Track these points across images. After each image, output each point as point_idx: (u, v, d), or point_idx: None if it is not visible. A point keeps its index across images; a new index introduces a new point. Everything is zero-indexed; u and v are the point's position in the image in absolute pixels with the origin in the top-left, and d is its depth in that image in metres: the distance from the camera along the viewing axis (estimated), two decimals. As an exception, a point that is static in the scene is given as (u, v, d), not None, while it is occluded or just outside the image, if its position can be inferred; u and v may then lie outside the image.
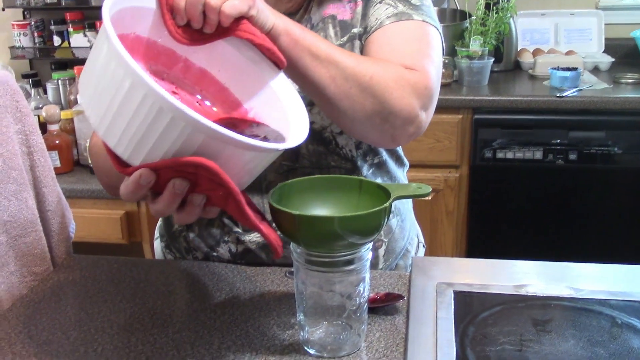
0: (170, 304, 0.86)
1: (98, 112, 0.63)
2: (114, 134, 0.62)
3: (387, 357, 0.73)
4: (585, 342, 0.75)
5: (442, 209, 2.27)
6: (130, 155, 0.62)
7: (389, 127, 0.80)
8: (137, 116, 0.60)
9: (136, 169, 0.62)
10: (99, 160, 0.90)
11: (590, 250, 2.17)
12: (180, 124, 0.59)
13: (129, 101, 0.60)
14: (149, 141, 0.61)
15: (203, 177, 0.62)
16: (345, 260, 0.70)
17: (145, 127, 0.60)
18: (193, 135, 0.60)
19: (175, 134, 0.60)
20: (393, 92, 0.78)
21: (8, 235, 0.93)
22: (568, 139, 2.10)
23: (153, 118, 0.59)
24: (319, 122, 0.92)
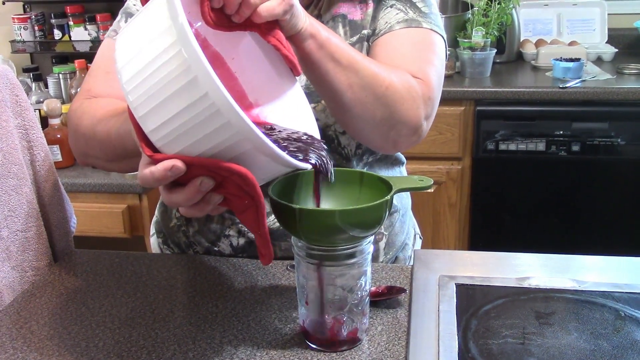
0: (171, 298, 0.86)
1: (141, 92, 0.59)
2: (154, 121, 0.59)
3: (389, 351, 0.73)
4: (588, 335, 0.74)
5: (444, 202, 2.26)
6: (166, 145, 0.60)
7: (394, 135, 0.83)
8: (189, 111, 0.57)
9: (167, 157, 0.59)
10: (81, 126, 0.85)
11: (593, 242, 2.16)
12: (233, 130, 0.57)
13: (185, 94, 0.57)
14: (191, 137, 0.59)
15: (232, 183, 0.61)
16: (346, 254, 0.69)
17: (194, 124, 0.58)
18: (241, 143, 0.58)
19: (223, 137, 0.58)
20: (404, 102, 0.80)
21: (9, 230, 0.92)
22: (571, 131, 2.09)
23: (206, 117, 0.57)
24: (323, 119, 0.91)
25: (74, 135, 0.88)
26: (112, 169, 0.88)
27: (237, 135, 0.58)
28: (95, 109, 0.84)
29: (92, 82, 0.92)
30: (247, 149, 0.59)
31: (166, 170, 0.58)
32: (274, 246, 0.95)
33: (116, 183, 1.91)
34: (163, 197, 0.62)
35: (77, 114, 0.87)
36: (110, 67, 0.91)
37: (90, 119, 0.82)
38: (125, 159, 0.79)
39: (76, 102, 0.90)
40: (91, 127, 0.81)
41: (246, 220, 0.64)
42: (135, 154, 0.74)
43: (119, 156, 0.79)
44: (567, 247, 2.14)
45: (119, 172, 0.90)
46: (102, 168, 0.89)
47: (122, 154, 0.77)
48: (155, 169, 0.59)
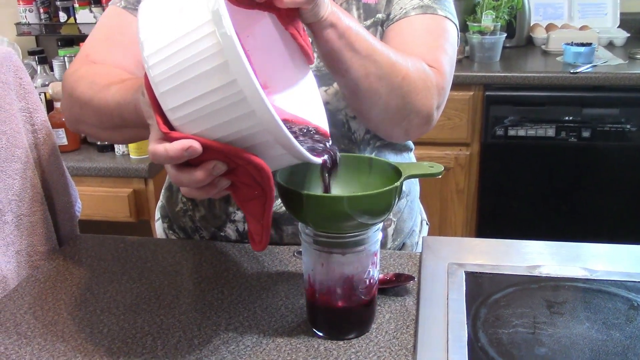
0: (176, 284, 0.85)
1: (165, 68, 0.57)
2: (175, 99, 0.57)
3: (397, 339, 0.72)
4: (600, 324, 0.73)
5: (452, 188, 2.24)
6: (185, 125, 0.58)
7: (406, 124, 0.82)
8: (214, 95, 0.55)
9: (183, 136, 0.58)
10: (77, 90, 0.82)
11: (603, 230, 2.15)
12: (256, 120, 0.56)
13: (213, 77, 0.55)
14: (212, 121, 0.57)
15: (245, 172, 0.60)
16: (354, 241, 0.68)
17: (217, 108, 0.56)
18: (261, 133, 0.57)
19: (245, 126, 0.57)
20: (419, 92, 0.79)
21: (13, 214, 0.92)
22: (581, 116, 2.06)
23: (231, 104, 0.55)
24: (334, 103, 0.90)
25: (69, 100, 0.85)
26: (104, 138, 0.86)
27: (260, 126, 0.56)
28: (93, 75, 0.81)
29: (91, 48, 0.89)
30: (266, 140, 0.58)
31: (183, 150, 0.57)
32: (281, 231, 0.94)
33: (122, 167, 1.90)
34: (170, 175, 0.61)
35: (73, 77, 0.84)
36: (112, 34, 0.89)
37: (87, 84, 0.80)
38: (121, 128, 0.77)
39: (73, 67, 0.87)
40: (88, 92, 0.79)
41: (250, 208, 0.63)
42: (132, 124, 0.73)
43: (115, 125, 0.77)
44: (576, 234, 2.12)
45: (110, 142, 0.89)
46: (94, 136, 0.87)
47: (118, 123, 0.75)
48: (171, 147, 0.57)
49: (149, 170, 1.90)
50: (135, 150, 1.93)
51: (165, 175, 1.08)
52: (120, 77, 0.77)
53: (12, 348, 0.72)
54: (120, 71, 0.81)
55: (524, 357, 0.68)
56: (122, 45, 0.87)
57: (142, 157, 1.94)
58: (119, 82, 0.75)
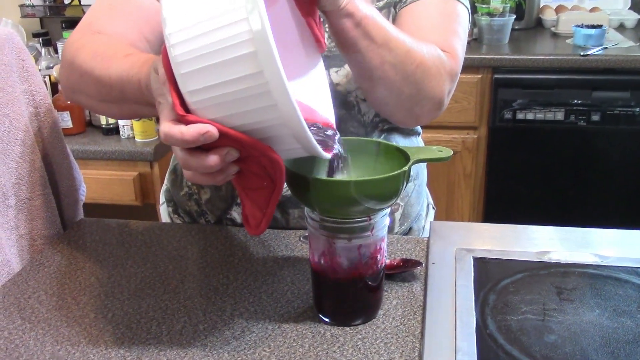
0: (181, 269, 0.84)
1: (189, 49, 0.55)
2: (197, 82, 0.55)
3: (404, 326, 0.71)
4: (611, 312, 0.72)
5: (459, 172, 2.23)
6: (203, 109, 0.56)
7: (417, 110, 0.81)
8: (238, 83, 0.54)
9: (200, 120, 0.56)
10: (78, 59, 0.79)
11: (612, 215, 2.13)
12: (277, 114, 0.54)
13: (239, 65, 0.53)
14: (232, 109, 0.56)
15: (257, 162, 0.59)
16: (362, 226, 0.67)
17: (239, 97, 0.54)
18: (280, 127, 0.56)
19: (265, 117, 0.55)
20: (432, 79, 0.78)
21: (17, 198, 0.91)
22: (591, 100, 2.04)
23: (254, 94, 0.54)
24: (344, 85, 0.88)
25: (68, 69, 0.82)
26: (99, 110, 0.84)
27: (279, 120, 0.55)
28: (97, 45, 0.79)
29: (94, 17, 0.87)
30: (283, 134, 0.57)
31: (199, 135, 0.55)
32: (287, 215, 0.93)
33: (127, 150, 1.89)
34: (179, 158, 0.59)
35: (75, 46, 0.82)
36: (116, 3, 0.87)
37: (89, 54, 0.78)
38: (119, 102, 0.75)
39: (75, 35, 0.85)
40: (90, 63, 0.77)
41: (254, 196, 0.62)
42: (132, 100, 0.71)
43: (113, 99, 0.75)
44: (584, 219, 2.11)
45: (105, 115, 0.86)
46: (89, 107, 0.85)
47: (117, 97, 0.74)
48: (187, 131, 0.55)
49: (154, 153, 1.89)
50: (140, 133, 1.92)
51: (170, 159, 1.07)
52: (124, 50, 0.75)
53: (15, 333, 0.72)
54: (125, 44, 0.79)
55: (533, 344, 0.67)
56: (126, 15, 0.85)
57: (148, 140, 1.93)
58: (123, 56, 0.73)
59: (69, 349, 0.69)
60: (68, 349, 0.69)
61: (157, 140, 1.94)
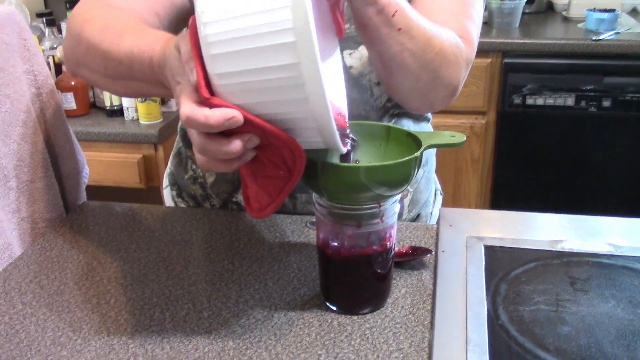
0: (186, 254, 0.83)
1: (223, 30, 0.52)
2: (227, 65, 0.53)
3: (413, 315, 0.69)
4: (626, 303, 0.70)
5: (467, 157, 2.20)
6: (229, 93, 0.54)
7: (432, 97, 0.79)
8: (272, 72, 0.51)
9: (225, 104, 0.54)
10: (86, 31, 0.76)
11: (623, 203, 2.10)
12: (307, 107, 0.53)
13: (275, 54, 0.51)
14: (260, 97, 0.53)
15: (278, 152, 0.57)
16: (371, 213, 0.65)
17: (270, 86, 0.52)
18: (306, 120, 0.54)
19: (293, 109, 0.53)
20: (449, 67, 0.76)
21: (18, 180, 0.89)
22: (602, 85, 2.01)
23: (287, 86, 0.52)
24: (358, 68, 0.86)
25: (74, 40, 0.79)
26: (102, 86, 0.80)
27: (309, 114, 0.53)
28: (107, 18, 0.76)
29: None
30: (308, 127, 0.55)
31: (225, 120, 0.53)
32: (295, 199, 0.91)
33: (131, 132, 1.88)
34: (197, 143, 0.56)
35: (83, 17, 0.78)
36: None
37: (99, 26, 0.75)
38: (125, 79, 0.72)
39: (83, 6, 0.81)
40: (98, 36, 0.74)
41: (266, 184, 0.60)
42: (139, 78, 0.68)
43: (120, 75, 0.72)
44: (594, 207, 2.09)
45: (108, 91, 0.82)
46: (92, 82, 0.82)
47: (124, 73, 0.71)
48: (212, 115, 0.53)
49: (158, 135, 1.87)
50: (145, 115, 1.90)
51: (174, 141, 1.05)
52: (136, 26, 0.72)
53: (16, 318, 0.70)
54: (136, 19, 0.75)
55: (546, 335, 0.65)
56: None
57: (152, 122, 1.91)
58: (135, 31, 0.70)
59: (71, 335, 0.67)
60: (69, 335, 0.67)
61: (162, 122, 1.92)
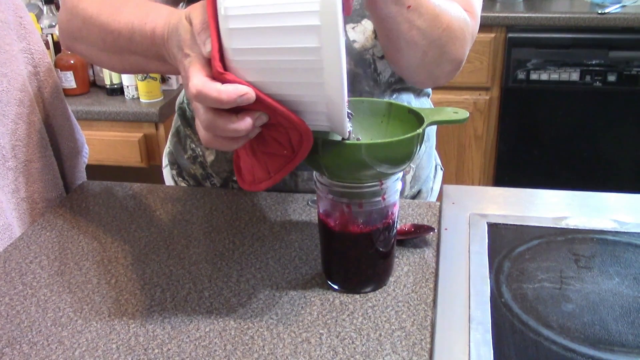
0: (186, 234, 0.82)
1: (244, 4, 0.50)
2: (245, 41, 0.51)
3: (415, 293, 0.69)
4: (631, 280, 0.69)
5: (470, 133, 2.19)
6: (243, 70, 0.52)
7: (438, 72, 0.79)
8: (291, 53, 0.50)
9: (238, 80, 0.52)
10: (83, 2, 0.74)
11: (628, 179, 2.09)
12: (322, 93, 0.51)
13: (298, 35, 0.49)
14: (275, 76, 0.52)
15: (284, 132, 0.56)
16: (373, 192, 0.64)
17: (288, 67, 0.51)
18: (318, 104, 0.53)
19: (307, 93, 0.52)
20: (456, 42, 0.75)
21: (16, 160, 0.88)
22: (607, 60, 1.98)
23: (305, 69, 0.50)
24: (361, 42, 0.84)
25: (70, 12, 0.77)
26: (99, 61, 0.78)
27: (322, 98, 0.52)
28: None
29: None
30: (318, 110, 0.54)
31: (237, 96, 0.51)
32: (296, 176, 0.90)
33: (132, 111, 1.86)
34: (204, 119, 0.54)
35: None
36: None
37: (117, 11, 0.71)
38: (124, 53, 0.70)
39: None
40: (96, 7, 0.72)
41: (266, 160, 0.59)
42: (139, 51, 0.67)
43: (118, 49, 0.70)
44: (598, 184, 2.08)
45: (104, 67, 0.79)
46: (89, 57, 0.79)
47: (124, 47, 0.69)
48: (225, 90, 0.51)
49: (159, 114, 1.86)
50: (145, 94, 1.89)
51: (172, 120, 1.04)
52: None
53: (17, 299, 0.70)
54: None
55: (550, 313, 0.64)
56: None
57: (153, 100, 1.90)
58: (135, 4, 0.68)
59: (71, 315, 0.67)
60: (70, 316, 0.67)
61: (162, 100, 1.91)
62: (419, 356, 0.60)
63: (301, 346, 0.62)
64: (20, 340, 0.64)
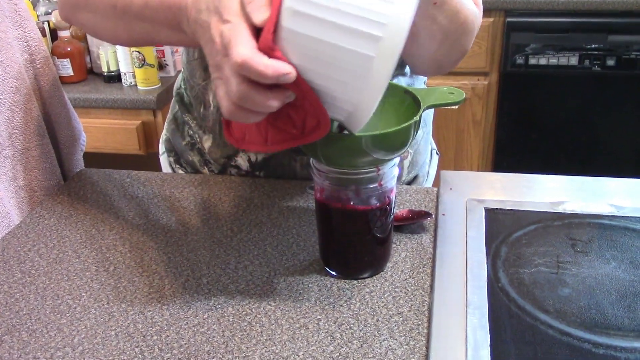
0: (184, 221, 0.82)
1: None
2: (304, 26, 0.50)
3: (413, 279, 0.69)
4: (627, 264, 0.69)
5: (468, 119, 2.18)
6: (291, 51, 0.51)
7: (446, 62, 0.80)
8: (345, 53, 0.50)
9: (284, 59, 0.51)
10: None
11: (627, 164, 2.09)
12: (356, 95, 0.52)
13: (358, 39, 0.49)
14: (319, 67, 0.51)
15: (302, 114, 0.56)
16: (369, 177, 0.64)
17: (335, 63, 0.50)
18: (346, 103, 0.53)
19: (342, 90, 0.52)
20: (468, 35, 0.76)
21: (14, 149, 0.88)
22: (607, 44, 1.97)
23: (351, 70, 0.50)
24: None
25: None
26: (103, 30, 0.75)
27: (355, 101, 0.52)
28: None
29: None
30: (342, 108, 0.54)
31: (281, 74, 0.50)
32: (294, 161, 0.90)
33: (129, 98, 1.86)
34: (237, 89, 0.52)
35: None
36: None
37: None
38: (132, 21, 0.68)
39: None
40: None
41: (267, 128, 0.58)
42: (150, 19, 0.65)
43: (129, 15, 0.67)
44: (597, 169, 2.08)
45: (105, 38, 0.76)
46: (90, 27, 0.76)
47: (136, 13, 0.66)
48: (272, 65, 0.50)
49: (157, 101, 1.85)
50: (142, 81, 1.88)
51: (169, 107, 1.03)
52: None
53: (15, 287, 0.70)
54: None
55: (546, 298, 0.65)
56: None
57: (150, 87, 1.89)
58: None
59: (70, 302, 0.67)
60: (69, 303, 0.67)
61: (160, 88, 1.90)
62: (416, 341, 0.60)
63: (299, 332, 0.62)
64: (20, 328, 0.64)
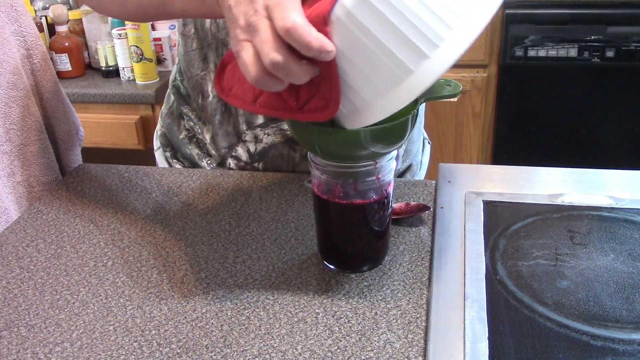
0: (183, 216, 0.82)
1: None
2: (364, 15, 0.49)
3: (411, 272, 0.69)
4: (626, 256, 0.69)
5: (467, 111, 2.18)
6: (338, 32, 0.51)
7: None
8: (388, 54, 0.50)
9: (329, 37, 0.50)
10: None
11: (627, 156, 2.09)
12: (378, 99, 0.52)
13: (404, 48, 0.49)
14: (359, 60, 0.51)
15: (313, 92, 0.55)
16: (367, 171, 0.64)
17: (373, 60, 0.50)
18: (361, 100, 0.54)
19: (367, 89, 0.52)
20: None
21: (12, 144, 0.88)
22: (606, 35, 1.97)
23: (386, 74, 0.50)
24: None
25: None
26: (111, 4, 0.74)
27: (371, 102, 0.53)
28: None
29: None
30: (354, 104, 0.55)
31: (324, 50, 0.49)
32: (294, 151, 0.90)
33: (128, 93, 1.85)
34: (275, 57, 0.50)
35: None
36: None
37: None
38: None
39: None
40: None
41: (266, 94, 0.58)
42: None
43: None
44: (597, 161, 2.08)
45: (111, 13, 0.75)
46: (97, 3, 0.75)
47: None
48: (319, 39, 0.49)
49: (155, 96, 1.85)
50: (141, 75, 1.88)
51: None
52: None
53: (14, 282, 0.70)
54: None
55: (545, 290, 0.65)
56: None
57: (148, 82, 1.89)
58: None
59: (69, 298, 0.67)
60: (67, 298, 0.67)
61: (158, 82, 1.90)
62: (415, 334, 0.60)
63: (297, 326, 0.62)
64: (18, 323, 0.64)
